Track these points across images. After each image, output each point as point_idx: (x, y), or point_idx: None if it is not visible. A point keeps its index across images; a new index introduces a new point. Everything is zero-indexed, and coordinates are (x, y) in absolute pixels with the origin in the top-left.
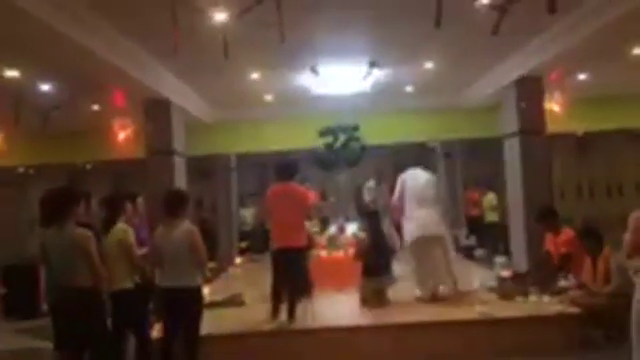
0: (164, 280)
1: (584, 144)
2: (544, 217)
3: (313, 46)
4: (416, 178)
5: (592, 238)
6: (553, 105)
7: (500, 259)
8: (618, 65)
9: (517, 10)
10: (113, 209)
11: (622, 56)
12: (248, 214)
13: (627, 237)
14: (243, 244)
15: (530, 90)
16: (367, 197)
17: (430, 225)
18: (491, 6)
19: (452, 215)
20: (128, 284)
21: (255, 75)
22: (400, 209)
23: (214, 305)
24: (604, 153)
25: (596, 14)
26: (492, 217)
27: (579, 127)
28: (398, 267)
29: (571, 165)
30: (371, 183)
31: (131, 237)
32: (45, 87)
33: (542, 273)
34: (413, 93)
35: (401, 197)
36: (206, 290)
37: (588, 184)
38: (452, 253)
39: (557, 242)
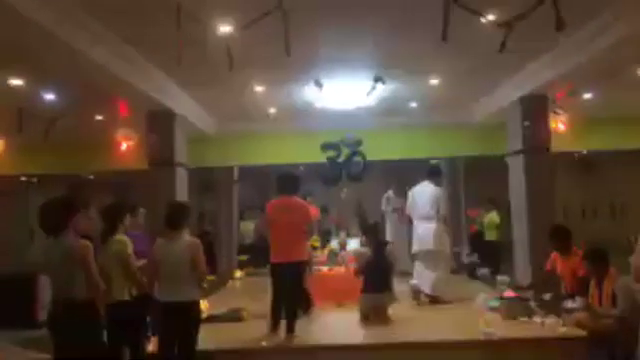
0: (162, 294)
1: (587, 164)
2: (556, 237)
3: (318, 60)
4: (422, 193)
5: (599, 259)
6: (557, 124)
7: (502, 278)
8: (622, 85)
9: (523, 28)
10: (112, 220)
11: (627, 76)
12: (249, 227)
13: (636, 260)
14: (243, 257)
15: (535, 108)
16: (385, 206)
17: (428, 241)
18: (498, 23)
19: (453, 232)
20: (125, 296)
21: (259, 88)
22: (409, 220)
23: (213, 320)
24: (607, 173)
25: (602, 34)
26: (491, 235)
27: (582, 146)
28: (399, 284)
29: (574, 185)
30: (390, 193)
31: (129, 248)
32: (49, 97)
33: (543, 293)
34: (417, 109)
35: (409, 210)
36: (204, 304)
37: (592, 204)
38: (445, 268)
39: (569, 263)
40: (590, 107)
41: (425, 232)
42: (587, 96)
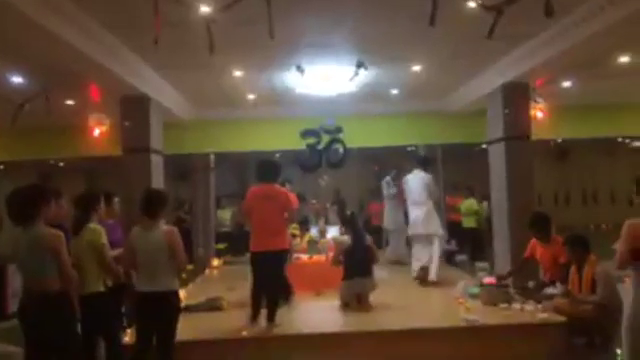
0: (139, 283)
1: (562, 151)
2: (537, 224)
3: (299, 45)
4: (414, 180)
5: (579, 246)
6: (536, 111)
7: (482, 265)
8: (602, 73)
9: (510, 13)
10: (85, 208)
11: (607, 64)
12: (226, 215)
13: (620, 246)
14: (221, 245)
15: (516, 96)
16: (385, 190)
17: (419, 225)
18: (487, 7)
19: None
20: (99, 287)
21: (238, 73)
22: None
23: (191, 309)
24: (580, 161)
25: (585, 22)
26: (470, 223)
27: (559, 134)
28: (379, 271)
29: (548, 172)
30: (388, 178)
31: (103, 238)
32: (17, 80)
33: (522, 280)
34: (398, 96)
35: (406, 196)
36: (182, 293)
37: (564, 192)
38: (438, 250)
39: (549, 250)
40: (568, 95)
41: (417, 217)
42: (566, 84)
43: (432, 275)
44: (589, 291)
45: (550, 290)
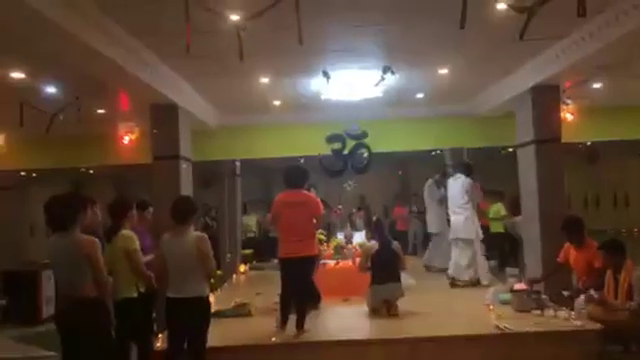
0: (170, 290)
1: (591, 154)
2: (569, 227)
3: (325, 50)
4: (454, 185)
5: (616, 251)
6: (566, 114)
7: (512, 271)
8: (633, 74)
9: (539, 15)
10: (118, 216)
11: (637, 64)
12: (252, 221)
13: None
14: (247, 251)
15: (546, 98)
16: (428, 194)
17: (457, 230)
18: (519, 8)
19: None
20: (132, 293)
21: (265, 79)
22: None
23: (219, 315)
24: (610, 163)
25: (617, 21)
26: (498, 228)
27: (588, 137)
28: (406, 277)
29: (578, 175)
30: (431, 182)
31: (136, 244)
32: (51, 90)
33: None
34: (424, 100)
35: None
36: (211, 299)
37: (594, 195)
38: (476, 252)
39: (582, 255)
40: (598, 97)
41: (456, 222)
42: (597, 85)
43: (484, 280)
44: (626, 297)
45: (584, 297)
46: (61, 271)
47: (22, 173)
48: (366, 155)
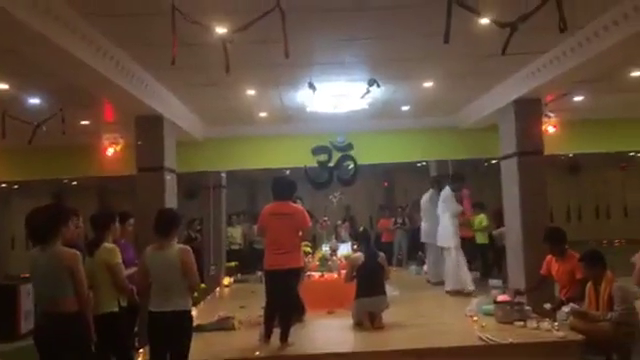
0: (152, 303)
1: (574, 166)
2: (551, 239)
3: (312, 62)
4: (441, 195)
5: (596, 262)
6: (547, 126)
7: (495, 282)
8: (612, 87)
9: (520, 31)
10: (100, 228)
11: (620, 79)
12: (237, 233)
13: (638, 262)
14: (232, 263)
15: (528, 111)
16: (443, 207)
17: (433, 236)
18: (502, 24)
19: None
20: (114, 307)
21: (251, 91)
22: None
23: (202, 329)
24: (593, 176)
25: (597, 37)
26: (482, 239)
27: (570, 149)
28: (390, 289)
29: (560, 187)
30: (449, 193)
31: (117, 257)
32: (34, 100)
33: (539, 297)
34: (409, 112)
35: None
36: (194, 312)
37: (576, 206)
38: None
39: (564, 266)
40: (579, 110)
41: (435, 229)
42: (578, 99)
43: (468, 287)
44: (607, 308)
45: (566, 309)
46: (42, 285)
47: (3, 185)
48: (352, 167)
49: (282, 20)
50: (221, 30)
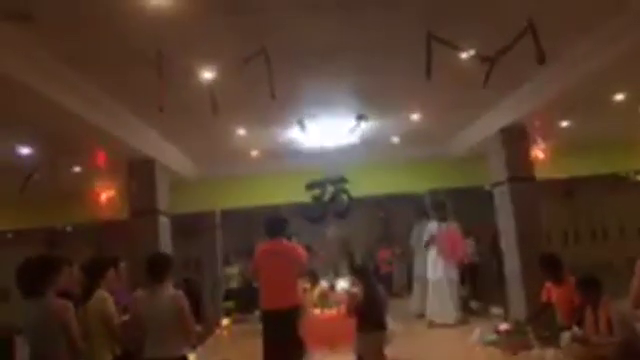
0: (147, 350)
1: (568, 190)
2: (545, 265)
3: (300, 100)
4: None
5: (592, 288)
6: (537, 152)
7: (496, 311)
8: (598, 112)
9: (502, 62)
10: (93, 275)
11: (604, 103)
12: (234, 271)
13: (635, 284)
14: (229, 304)
15: (515, 139)
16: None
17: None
18: (482, 58)
19: None
20: (108, 358)
21: (241, 131)
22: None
23: None
24: (588, 198)
25: (574, 66)
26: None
27: (563, 173)
28: (393, 323)
29: (555, 211)
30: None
31: (111, 307)
32: (24, 151)
33: (541, 325)
34: (399, 144)
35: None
36: (192, 358)
37: (573, 230)
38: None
39: (562, 292)
40: (568, 134)
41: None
42: (564, 124)
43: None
44: (607, 332)
45: (567, 335)
46: (34, 337)
47: None
48: (346, 200)
49: (267, 63)
50: (208, 75)
